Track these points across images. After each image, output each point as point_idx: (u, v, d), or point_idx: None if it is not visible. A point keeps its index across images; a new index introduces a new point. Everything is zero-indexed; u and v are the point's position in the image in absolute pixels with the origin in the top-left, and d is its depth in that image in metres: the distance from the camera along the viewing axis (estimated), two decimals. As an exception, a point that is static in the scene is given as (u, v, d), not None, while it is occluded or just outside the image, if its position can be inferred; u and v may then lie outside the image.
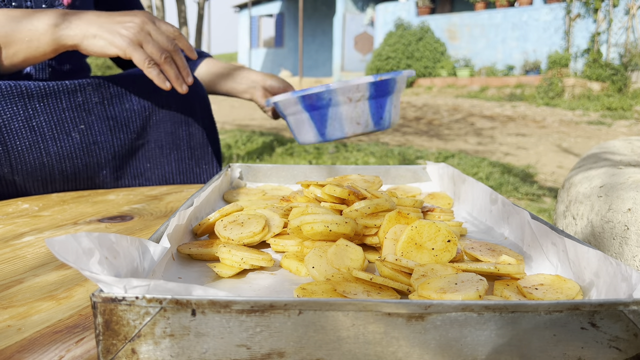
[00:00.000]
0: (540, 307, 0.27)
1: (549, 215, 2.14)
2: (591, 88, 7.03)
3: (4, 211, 0.70)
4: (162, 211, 0.71)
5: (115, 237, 0.32)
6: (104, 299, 0.27)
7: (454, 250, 0.41)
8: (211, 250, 0.45)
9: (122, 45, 0.73)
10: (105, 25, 0.74)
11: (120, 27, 0.74)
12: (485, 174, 2.95)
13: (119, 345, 0.27)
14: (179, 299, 0.26)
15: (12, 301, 0.39)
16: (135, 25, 0.74)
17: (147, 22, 0.76)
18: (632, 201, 0.60)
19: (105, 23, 0.74)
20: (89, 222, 0.64)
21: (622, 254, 0.58)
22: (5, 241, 0.56)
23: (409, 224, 0.44)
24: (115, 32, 0.73)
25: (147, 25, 0.75)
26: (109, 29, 0.73)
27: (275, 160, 3.36)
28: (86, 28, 0.73)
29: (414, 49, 9.04)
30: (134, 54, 0.73)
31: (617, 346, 0.27)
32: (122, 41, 0.73)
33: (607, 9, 7.62)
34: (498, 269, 0.39)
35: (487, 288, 0.34)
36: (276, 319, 0.27)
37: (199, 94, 0.91)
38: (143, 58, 0.74)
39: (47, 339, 0.33)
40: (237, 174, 0.80)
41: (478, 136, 4.53)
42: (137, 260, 0.34)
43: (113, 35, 0.73)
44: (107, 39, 0.73)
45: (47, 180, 0.78)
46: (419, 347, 0.27)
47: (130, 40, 0.73)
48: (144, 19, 0.75)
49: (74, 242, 0.28)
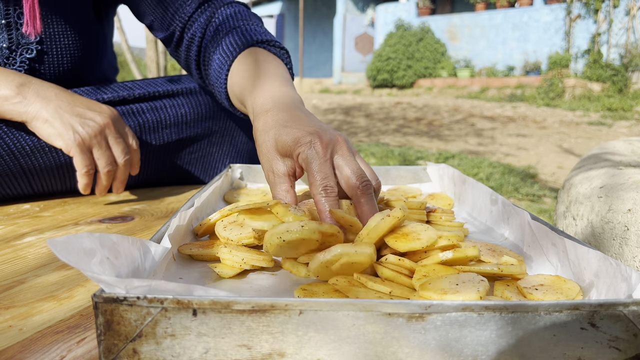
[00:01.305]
0: (540, 307, 0.27)
1: (549, 215, 2.14)
2: (592, 89, 7.03)
3: (5, 212, 0.70)
4: (163, 212, 0.71)
5: (116, 238, 0.32)
6: (105, 299, 0.27)
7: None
8: (212, 251, 0.45)
9: (70, 142, 0.65)
10: (62, 112, 0.66)
11: (77, 122, 0.66)
12: (486, 174, 2.95)
13: (121, 345, 0.27)
14: (180, 299, 0.27)
15: (14, 301, 0.40)
16: (95, 126, 0.67)
17: (110, 126, 0.69)
18: (632, 202, 0.60)
19: (63, 109, 0.67)
20: (89, 223, 0.64)
21: (622, 255, 0.58)
22: (6, 241, 0.56)
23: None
24: (69, 125, 0.66)
25: (108, 129, 0.68)
26: (64, 119, 0.66)
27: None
28: (40, 109, 0.66)
29: (415, 50, 9.04)
30: (77, 157, 0.66)
31: (616, 346, 0.28)
32: (71, 138, 0.65)
33: (608, 10, 7.62)
34: (501, 269, 0.39)
35: (488, 289, 0.34)
36: (277, 319, 0.27)
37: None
38: (83, 165, 0.67)
39: (48, 339, 0.33)
40: (238, 175, 0.80)
41: (478, 137, 4.53)
42: (139, 261, 0.34)
43: (65, 128, 0.65)
44: (57, 130, 0.65)
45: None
46: (419, 347, 0.27)
47: (82, 140, 0.66)
48: (108, 121, 0.69)
49: (75, 242, 0.28)
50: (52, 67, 0.76)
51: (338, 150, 0.47)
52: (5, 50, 0.71)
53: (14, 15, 0.70)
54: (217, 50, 0.74)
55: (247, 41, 0.72)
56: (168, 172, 0.87)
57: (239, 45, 0.71)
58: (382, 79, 9.20)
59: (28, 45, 0.73)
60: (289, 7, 13.78)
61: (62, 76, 0.78)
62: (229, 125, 0.89)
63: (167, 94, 0.83)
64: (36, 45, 0.73)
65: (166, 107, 0.83)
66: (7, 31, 0.71)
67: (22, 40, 0.72)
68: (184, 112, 0.84)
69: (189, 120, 0.85)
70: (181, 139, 0.85)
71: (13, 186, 0.73)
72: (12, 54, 0.72)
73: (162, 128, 0.83)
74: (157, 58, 3.40)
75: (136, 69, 3.65)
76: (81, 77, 0.82)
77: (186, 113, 0.84)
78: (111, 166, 0.69)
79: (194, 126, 0.86)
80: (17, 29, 0.71)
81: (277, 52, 0.73)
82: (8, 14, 0.70)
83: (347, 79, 11.08)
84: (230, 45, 0.72)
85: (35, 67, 0.74)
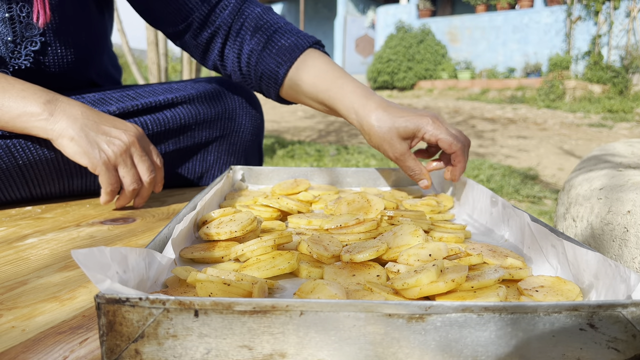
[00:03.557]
0: (539, 308, 0.27)
1: (549, 217, 2.14)
2: (592, 90, 7.02)
3: (7, 213, 0.70)
4: (164, 213, 0.71)
5: (125, 250, 0.32)
6: (108, 300, 0.27)
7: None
8: (213, 254, 0.45)
9: (96, 161, 0.65)
10: (88, 130, 0.66)
11: (103, 141, 0.66)
12: (486, 176, 2.95)
13: (123, 345, 0.27)
14: (181, 300, 0.27)
15: (16, 302, 0.40)
16: (122, 145, 0.67)
17: (135, 144, 0.69)
18: (632, 203, 0.61)
19: (89, 127, 0.66)
20: (91, 224, 0.65)
21: (621, 256, 0.58)
22: (8, 243, 0.56)
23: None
24: (95, 144, 0.65)
25: (133, 147, 0.68)
26: (90, 137, 0.65)
27: (276, 162, 3.36)
28: (66, 127, 0.65)
29: (415, 52, 9.05)
30: (102, 175, 0.66)
31: (615, 347, 0.28)
32: (97, 157, 0.65)
33: (608, 12, 7.62)
34: (512, 275, 0.39)
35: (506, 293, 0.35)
36: (278, 319, 0.27)
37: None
38: (109, 183, 0.67)
39: (51, 339, 0.34)
40: (239, 176, 0.80)
41: (479, 138, 4.53)
42: (144, 272, 0.35)
43: (92, 147, 0.65)
44: (83, 148, 0.65)
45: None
46: (419, 347, 0.27)
47: (107, 159, 0.66)
48: (133, 140, 0.68)
49: (97, 254, 0.29)
50: (56, 58, 0.76)
51: (443, 121, 0.68)
52: (10, 45, 0.71)
53: (16, 9, 0.70)
54: (268, 46, 0.78)
55: (306, 42, 0.79)
56: (168, 177, 0.87)
57: (298, 45, 0.78)
58: (382, 80, 9.20)
59: (32, 38, 0.73)
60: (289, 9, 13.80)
61: (66, 67, 0.78)
62: (228, 131, 0.90)
63: (168, 104, 0.83)
64: (40, 37, 0.73)
65: (167, 118, 0.83)
66: (11, 25, 0.71)
67: (26, 33, 0.72)
68: (184, 121, 0.84)
69: (189, 128, 0.85)
70: (180, 148, 0.86)
71: (12, 190, 0.72)
72: (17, 47, 0.72)
73: (163, 138, 0.83)
74: (158, 60, 3.40)
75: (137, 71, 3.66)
76: (83, 70, 0.83)
77: (186, 122, 0.85)
78: (137, 184, 0.69)
79: (192, 135, 0.86)
80: (20, 22, 0.71)
81: (325, 51, 0.81)
82: (10, 7, 0.70)
83: (348, 80, 11.06)
84: (287, 42, 0.78)
85: (40, 60, 0.75)
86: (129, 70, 8.40)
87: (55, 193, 0.77)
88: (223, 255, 0.45)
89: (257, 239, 0.44)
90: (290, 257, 0.41)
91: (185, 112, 0.84)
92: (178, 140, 0.85)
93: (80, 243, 0.56)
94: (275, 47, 0.78)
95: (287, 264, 0.40)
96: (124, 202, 0.71)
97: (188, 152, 0.87)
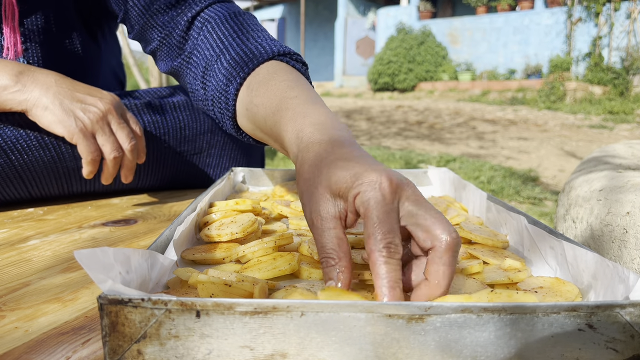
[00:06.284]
0: (538, 309, 0.27)
1: (550, 218, 2.14)
2: (593, 92, 7.03)
3: (9, 215, 0.70)
4: (166, 215, 0.71)
5: (128, 252, 0.32)
6: (110, 301, 0.27)
7: None
8: (214, 255, 0.46)
9: (72, 129, 0.64)
10: (62, 98, 0.64)
11: (78, 108, 0.65)
12: (487, 177, 2.95)
13: (125, 346, 0.28)
14: (183, 301, 0.27)
15: (19, 303, 0.40)
16: (98, 112, 0.66)
17: (112, 111, 0.67)
18: (631, 204, 0.61)
19: (63, 95, 0.65)
20: (93, 226, 0.65)
21: (621, 257, 0.58)
22: (11, 244, 0.56)
23: None
24: (70, 112, 0.64)
25: (110, 114, 0.67)
26: (64, 105, 0.64)
27: (277, 164, 3.36)
28: (39, 96, 0.64)
29: (416, 53, 9.06)
30: (80, 144, 0.64)
31: (614, 347, 0.28)
32: (73, 125, 0.64)
33: (609, 13, 7.63)
34: (511, 279, 0.40)
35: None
36: (279, 320, 0.27)
37: None
38: (88, 151, 0.65)
39: (53, 340, 0.34)
40: (240, 178, 0.80)
41: (480, 140, 4.53)
42: (146, 273, 0.35)
43: (67, 115, 0.64)
44: (58, 116, 0.64)
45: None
46: (419, 348, 0.28)
47: (84, 126, 0.64)
48: (110, 107, 0.67)
49: (100, 255, 0.29)
50: None
51: (410, 195, 0.35)
52: None
53: None
54: (219, 61, 0.61)
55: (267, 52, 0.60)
56: (167, 180, 0.87)
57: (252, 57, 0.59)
58: (383, 82, 9.21)
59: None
60: (290, 11, 13.81)
61: None
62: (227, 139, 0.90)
63: (170, 106, 0.83)
64: (23, 61, 0.72)
65: (167, 121, 0.83)
66: None
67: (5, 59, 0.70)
68: (185, 123, 0.84)
69: (191, 130, 0.85)
70: (182, 150, 0.86)
71: (10, 190, 0.72)
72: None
73: (164, 140, 0.83)
74: (159, 62, 3.44)
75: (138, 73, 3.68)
76: None
77: (188, 124, 0.85)
78: (117, 152, 0.67)
79: (194, 137, 0.86)
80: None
81: (300, 68, 0.61)
82: None
83: (349, 82, 11.09)
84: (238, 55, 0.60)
85: None
86: (130, 72, 8.42)
87: (55, 194, 0.77)
88: (224, 256, 0.45)
89: (258, 241, 0.45)
90: (290, 259, 0.42)
91: (187, 115, 0.85)
92: (180, 143, 0.85)
93: (82, 245, 0.57)
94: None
95: (288, 265, 0.41)
96: (108, 174, 0.69)
97: (190, 155, 0.87)
